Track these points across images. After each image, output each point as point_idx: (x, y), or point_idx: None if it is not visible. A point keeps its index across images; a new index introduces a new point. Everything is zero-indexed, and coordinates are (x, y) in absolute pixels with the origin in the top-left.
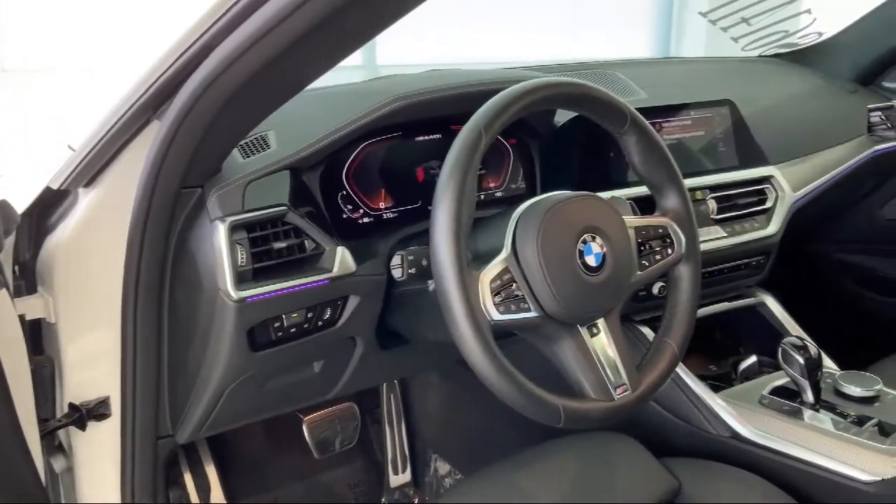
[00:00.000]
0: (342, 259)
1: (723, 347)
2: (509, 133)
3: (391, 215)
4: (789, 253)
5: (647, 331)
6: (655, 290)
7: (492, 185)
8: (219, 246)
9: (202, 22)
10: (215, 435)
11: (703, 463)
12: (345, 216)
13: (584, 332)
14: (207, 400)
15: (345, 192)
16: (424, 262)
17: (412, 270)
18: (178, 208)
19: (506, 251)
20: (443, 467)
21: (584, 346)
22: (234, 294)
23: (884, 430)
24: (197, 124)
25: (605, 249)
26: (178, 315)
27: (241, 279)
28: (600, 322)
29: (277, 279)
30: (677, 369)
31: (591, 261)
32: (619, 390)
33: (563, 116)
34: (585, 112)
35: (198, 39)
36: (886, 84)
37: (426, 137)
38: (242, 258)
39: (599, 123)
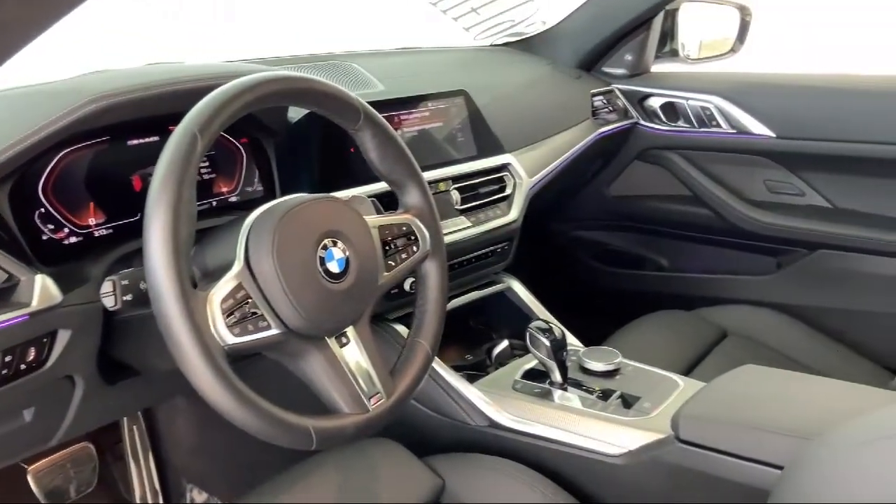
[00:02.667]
0: (43, 289)
1: (477, 334)
2: (239, 132)
3: (104, 232)
4: (532, 236)
5: (401, 329)
6: (407, 286)
7: (224, 189)
8: None
9: None
10: None
11: (464, 456)
12: (45, 237)
13: (332, 343)
14: None
15: (43, 210)
16: (143, 286)
17: (128, 297)
18: None
19: (237, 265)
20: (199, 497)
21: (334, 358)
22: None
23: (626, 402)
24: None
25: (347, 254)
26: None
27: None
28: (349, 331)
29: None
30: (433, 364)
31: (334, 267)
32: (373, 400)
33: (297, 112)
34: (315, 108)
35: None
36: (606, 69)
37: (141, 140)
38: None
39: (332, 120)
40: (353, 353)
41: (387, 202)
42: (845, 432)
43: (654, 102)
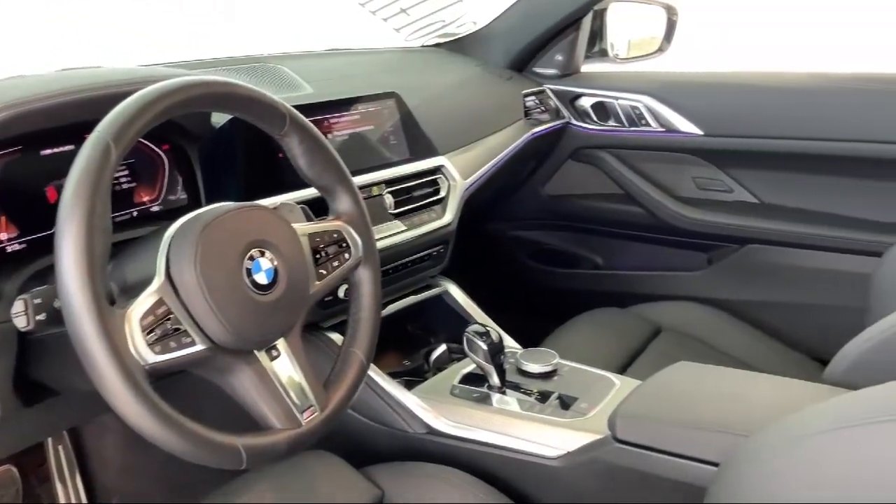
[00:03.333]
0: None
1: (415, 339)
2: (160, 138)
3: (17, 247)
4: (468, 237)
5: (336, 337)
6: (341, 293)
7: (146, 199)
8: None
9: None
10: None
11: (403, 465)
12: None
13: (262, 357)
14: None
15: None
16: (57, 304)
17: (41, 316)
18: None
19: (158, 279)
20: None
21: (264, 372)
22: None
23: (564, 403)
24: None
25: (275, 264)
26: None
27: None
28: (280, 343)
29: None
30: (370, 372)
31: (262, 278)
32: (306, 414)
33: (222, 117)
34: (238, 113)
35: None
36: (537, 70)
37: (55, 150)
38: None
39: (257, 125)
40: (285, 366)
41: (318, 208)
42: (779, 429)
43: (585, 102)
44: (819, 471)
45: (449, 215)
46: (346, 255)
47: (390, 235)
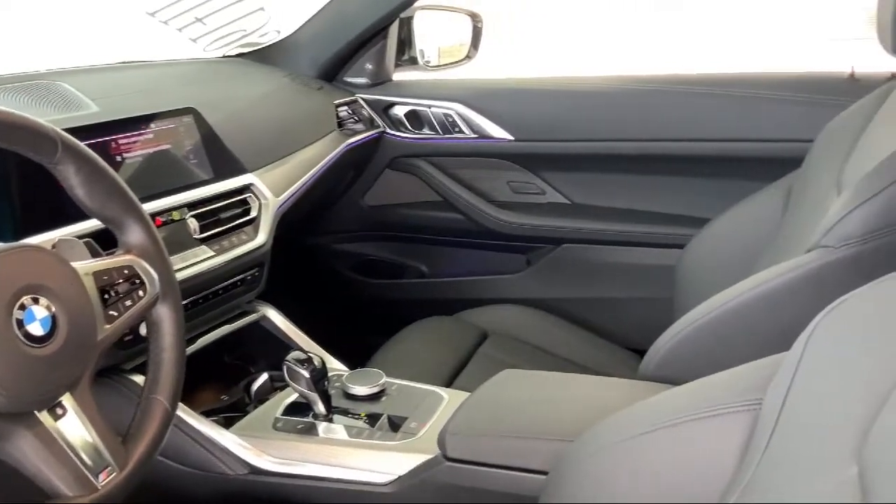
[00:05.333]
0: None
1: (233, 371)
2: None
3: None
4: (288, 255)
5: (140, 379)
6: (143, 330)
7: None
8: None
9: None
10: None
11: None
12: None
13: (45, 417)
14: None
15: None
16: None
17: None
18: None
19: None
20: None
21: (48, 435)
22: None
23: (394, 424)
24: None
25: (53, 310)
26: None
27: None
28: (66, 399)
29: None
30: (180, 412)
31: (37, 329)
32: (102, 476)
33: None
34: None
35: None
36: (348, 79)
37: None
38: None
39: (22, 154)
40: (73, 425)
41: (108, 240)
42: (599, 432)
43: (399, 111)
44: (638, 473)
45: (262, 236)
46: (141, 293)
47: (197, 263)
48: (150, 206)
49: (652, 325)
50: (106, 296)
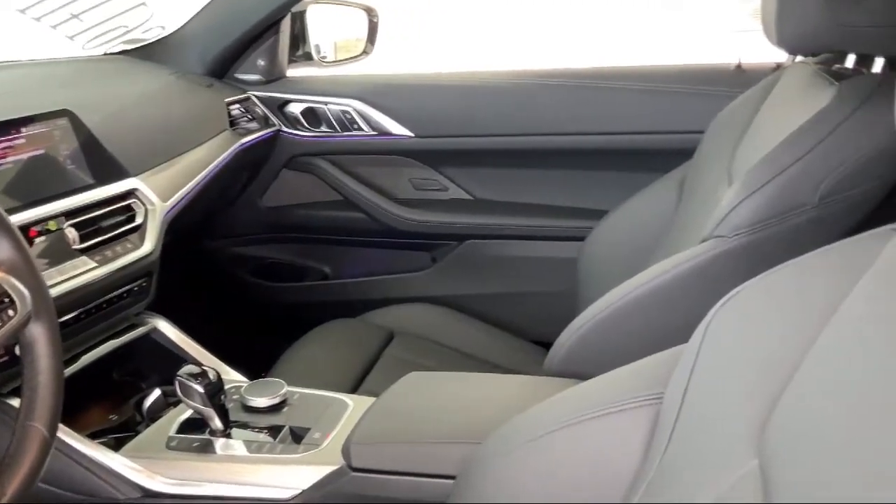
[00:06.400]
0: None
1: (124, 388)
2: None
3: None
4: (182, 262)
5: (18, 403)
6: (18, 351)
7: None
8: None
9: None
10: None
11: None
12: None
13: None
14: None
15: None
16: None
17: None
18: None
19: None
20: None
21: None
22: None
23: (296, 436)
24: None
25: None
26: None
27: None
28: None
29: None
30: (62, 435)
31: None
32: None
33: None
34: None
35: None
36: (239, 76)
37: None
38: None
39: None
40: None
41: None
42: (509, 432)
43: (295, 108)
44: (544, 475)
45: (149, 244)
46: (11, 312)
47: (77, 275)
48: (21, 217)
49: (558, 318)
50: None
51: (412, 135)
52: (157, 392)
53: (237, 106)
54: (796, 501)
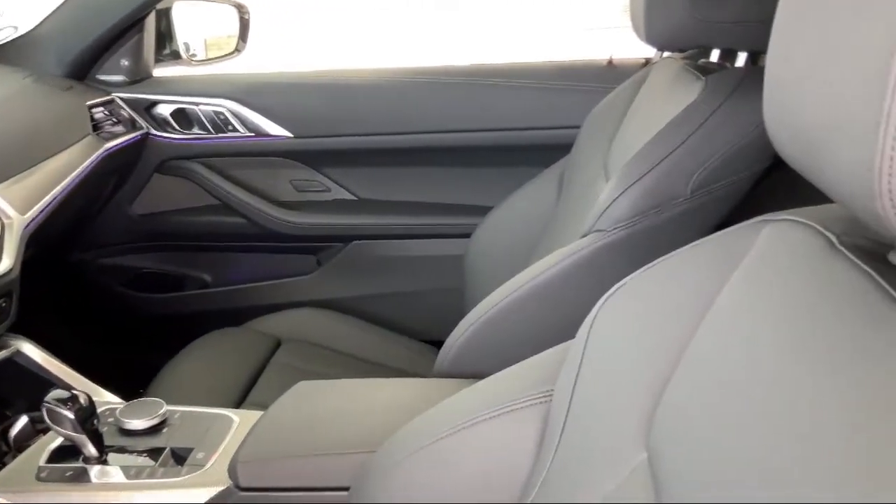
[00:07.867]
0: None
1: None
2: None
3: None
4: (48, 278)
5: None
6: None
7: None
8: None
9: None
10: None
11: None
12: None
13: None
14: None
15: None
16: None
17: None
18: None
19: None
20: None
21: None
22: None
23: (179, 458)
24: None
25: None
26: None
27: None
28: None
29: None
30: None
31: None
32: None
33: None
34: None
35: None
36: (102, 77)
37: None
38: None
39: None
40: None
41: None
42: (403, 439)
43: (164, 110)
44: (440, 480)
45: (6, 262)
46: None
47: None
48: None
49: (449, 317)
50: None
51: (290, 135)
52: (23, 419)
53: (100, 109)
54: (685, 501)
